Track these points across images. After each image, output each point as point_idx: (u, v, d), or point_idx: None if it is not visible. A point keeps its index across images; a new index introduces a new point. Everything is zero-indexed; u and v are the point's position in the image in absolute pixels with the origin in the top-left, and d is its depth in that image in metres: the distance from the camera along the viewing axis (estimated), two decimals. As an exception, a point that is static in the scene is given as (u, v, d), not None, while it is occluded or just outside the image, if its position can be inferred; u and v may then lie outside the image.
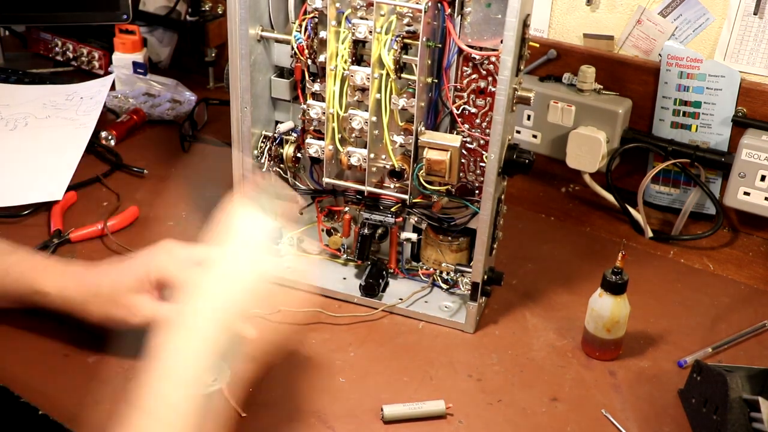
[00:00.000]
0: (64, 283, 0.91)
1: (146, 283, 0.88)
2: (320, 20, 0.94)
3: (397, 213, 1.00)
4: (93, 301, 0.90)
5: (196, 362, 0.75)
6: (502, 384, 0.92)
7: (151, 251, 0.90)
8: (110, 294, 0.89)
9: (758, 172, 1.13)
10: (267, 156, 1.02)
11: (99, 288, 0.89)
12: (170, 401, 0.72)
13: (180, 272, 0.87)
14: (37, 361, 0.91)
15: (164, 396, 0.72)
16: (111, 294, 0.89)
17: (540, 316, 1.03)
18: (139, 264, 0.89)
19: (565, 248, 1.18)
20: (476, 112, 0.95)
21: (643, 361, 0.97)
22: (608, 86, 1.22)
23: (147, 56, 1.53)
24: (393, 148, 0.94)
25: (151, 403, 0.72)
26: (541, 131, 1.26)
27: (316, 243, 1.10)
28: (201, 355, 0.76)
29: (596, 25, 1.25)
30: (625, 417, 0.88)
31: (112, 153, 1.33)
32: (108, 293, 0.89)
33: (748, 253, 1.19)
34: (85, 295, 0.90)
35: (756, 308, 1.07)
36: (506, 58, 0.85)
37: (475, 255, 0.95)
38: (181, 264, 0.88)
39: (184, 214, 1.19)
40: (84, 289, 0.90)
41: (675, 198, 1.25)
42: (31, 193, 1.18)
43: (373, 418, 0.86)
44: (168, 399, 0.72)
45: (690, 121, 1.20)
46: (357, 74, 0.92)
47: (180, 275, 0.87)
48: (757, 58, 1.15)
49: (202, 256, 0.88)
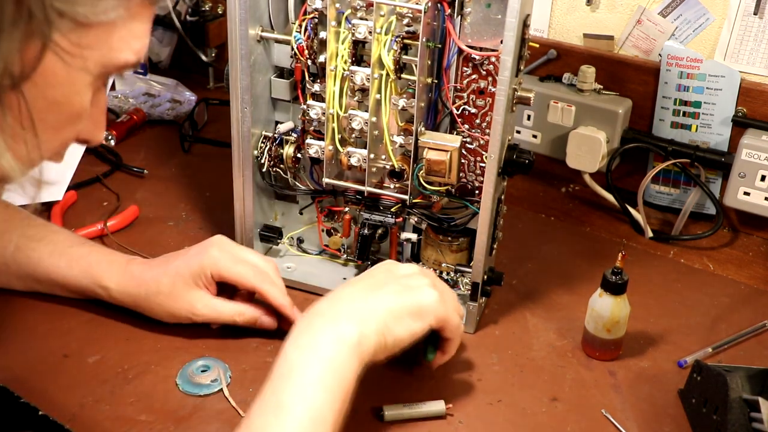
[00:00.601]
0: (126, 280, 0.93)
1: (203, 278, 0.91)
2: (320, 21, 0.94)
3: (397, 213, 1.00)
4: (154, 299, 0.92)
5: None
6: (502, 384, 0.92)
7: (205, 246, 0.93)
8: (170, 291, 0.92)
9: (758, 172, 1.13)
10: (267, 156, 1.02)
11: (159, 285, 0.92)
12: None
13: (233, 267, 0.91)
14: (37, 361, 0.91)
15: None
16: (171, 291, 0.92)
17: (540, 316, 1.03)
18: (194, 260, 0.92)
19: (565, 248, 1.18)
20: (476, 113, 0.95)
21: (643, 361, 0.97)
22: (608, 86, 1.22)
23: (147, 56, 1.53)
24: (393, 148, 0.94)
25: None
26: (541, 131, 1.26)
27: (316, 243, 1.10)
28: None
29: (596, 25, 1.25)
30: (625, 417, 0.88)
31: (112, 153, 1.33)
32: (168, 291, 0.92)
33: (748, 253, 1.19)
34: (147, 292, 0.93)
35: (756, 308, 1.07)
36: (506, 58, 0.85)
37: (475, 255, 0.95)
38: (234, 259, 0.92)
39: (184, 214, 1.19)
40: (145, 286, 0.93)
41: (675, 198, 1.25)
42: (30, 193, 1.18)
43: (373, 418, 0.86)
44: None
45: (690, 121, 1.20)
46: (357, 74, 0.92)
47: (234, 269, 0.91)
48: (757, 58, 1.15)
49: (252, 260, 0.93)
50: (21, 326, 0.95)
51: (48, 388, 0.87)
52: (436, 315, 0.83)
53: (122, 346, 0.93)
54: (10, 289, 0.98)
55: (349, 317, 0.77)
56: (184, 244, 1.11)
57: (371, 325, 0.77)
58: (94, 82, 0.58)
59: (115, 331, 0.95)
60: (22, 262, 0.96)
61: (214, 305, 0.92)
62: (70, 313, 0.97)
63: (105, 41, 0.56)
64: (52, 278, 0.96)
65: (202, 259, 0.92)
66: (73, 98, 0.58)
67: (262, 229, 1.07)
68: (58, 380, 0.88)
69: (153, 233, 1.14)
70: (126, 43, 0.57)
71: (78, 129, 0.61)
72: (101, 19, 0.54)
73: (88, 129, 0.63)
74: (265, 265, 0.94)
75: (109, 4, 0.54)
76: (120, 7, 0.55)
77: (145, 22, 0.59)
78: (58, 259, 0.95)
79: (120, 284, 0.94)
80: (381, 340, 0.77)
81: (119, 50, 0.57)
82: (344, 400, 0.73)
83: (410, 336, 0.80)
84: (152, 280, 0.93)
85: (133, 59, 0.58)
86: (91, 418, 0.83)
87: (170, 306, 0.92)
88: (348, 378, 0.74)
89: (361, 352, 0.75)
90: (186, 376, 0.89)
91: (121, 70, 0.59)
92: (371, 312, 0.78)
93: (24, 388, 0.86)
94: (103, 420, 0.84)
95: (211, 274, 0.91)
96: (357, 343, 0.75)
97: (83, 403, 0.85)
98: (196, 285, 0.92)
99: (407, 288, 0.83)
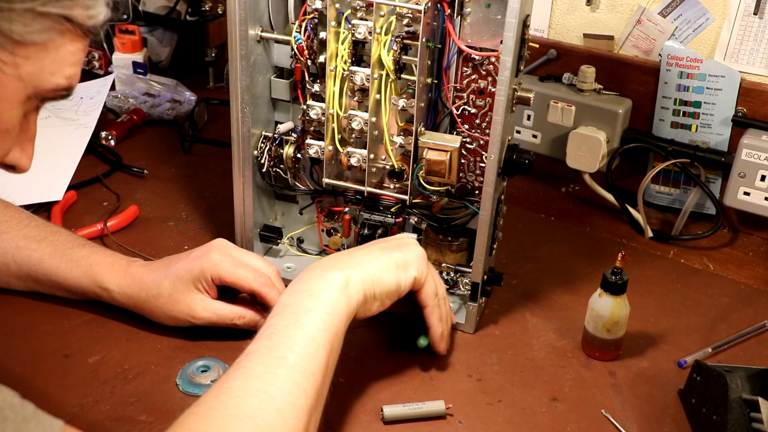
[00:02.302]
0: (127, 282, 0.93)
1: (203, 281, 0.91)
2: (320, 21, 0.94)
3: (397, 213, 1.00)
4: (154, 302, 0.92)
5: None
6: (502, 384, 0.92)
7: (206, 250, 0.93)
8: (170, 294, 0.92)
9: (758, 172, 1.13)
10: (267, 156, 1.02)
11: (159, 288, 0.92)
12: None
13: (234, 270, 0.91)
14: (37, 361, 0.91)
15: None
16: (171, 294, 0.92)
17: (540, 316, 1.03)
18: (195, 263, 0.92)
19: (565, 248, 1.18)
20: (476, 113, 0.95)
21: (643, 361, 0.97)
22: (608, 86, 1.22)
23: (147, 56, 1.53)
24: (393, 148, 0.94)
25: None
26: (541, 131, 1.26)
27: (316, 243, 1.10)
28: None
29: (596, 25, 1.25)
30: (625, 417, 0.88)
31: (112, 153, 1.33)
32: (168, 294, 0.92)
33: (748, 253, 1.19)
34: (147, 295, 0.93)
35: (756, 308, 1.07)
36: (506, 58, 0.85)
37: (475, 255, 0.95)
38: (234, 263, 0.92)
39: (184, 214, 1.19)
40: (146, 289, 0.93)
41: (675, 198, 1.25)
42: (31, 193, 1.18)
43: (373, 418, 0.86)
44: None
45: (690, 121, 1.20)
46: (357, 75, 0.92)
47: (234, 273, 0.91)
48: (757, 58, 1.15)
49: (253, 263, 0.93)
50: (21, 326, 0.95)
51: (48, 388, 0.87)
52: (419, 268, 0.87)
53: (122, 346, 0.93)
54: (10, 289, 0.98)
55: (336, 266, 0.83)
56: (184, 244, 1.11)
57: (358, 273, 0.82)
58: (26, 103, 0.62)
59: (116, 331, 0.95)
60: (22, 263, 0.96)
61: (214, 308, 0.92)
62: (70, 313, 0.97)
63: (39, 59, 0.59)
64: (53, 279, 0.96)
65: (202, 262, 0.91)
66: (2, 112, 0.60)
67: (262, 229, 1.07)
68: (58, 380, 0.88)
69: (153, 233, 1.14)
70: (58, 67, 0.61)
71: (5, 149, 0.64)
72: (35, 39, 0.58)
73: (16, 155, 0.66)
74: (266, 269, 0.94)
75: (42, 25, 0.58)
76: (53, 30, 0.59)
77: (78, 52, 0.62)
78: (59, 261, 0.95)
79: (121, 286, 0.94)
80: (369, 288, 0.83)
81: (51, 72, 0.61)
82: (335, 339, 0.78)
83: (397, 286, 0.85)
84: (153, 282, 0.92)
85: (65, 83, 0.62)
86: (91, 418, 0.83)
87: (170, 309, 0.92)
88: (339, 314, 0.79)
89: (349, 295, 0.81)
90: (186, 376, 0.89)
91: (53, 95, 0.63)
92: (358, 262, 0.84)
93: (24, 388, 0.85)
94: (103, 420, 0.84)
95: (211, 277, 0.91)
96: (345, 285, 0.80)
97: (83, 403, 0.85)
98: (196, 288, 0.91)
99: (395, 245, 0.88)
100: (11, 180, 1.22)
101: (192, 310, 0.92)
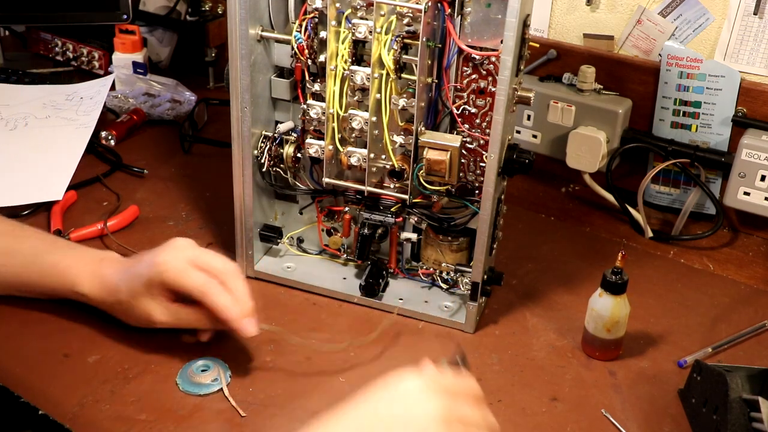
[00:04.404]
0: (97, 286, 0.92)
1: (156, 286, 0.88)
2: (320, 20, 0.94)
3: (397, 213, 1.00)
4: (119, 307, 0.92)
5: None
6: (502, 384, 0.92)
7: (159, 252, 0.89)
8: (128, 300, 0.90)
9: (758, 172, 1.13)
10: (267, 156, 1.02)
11: (118, 295, 0.91)
12: None
13: (180, 278, 0.87)
14: (37, 361, 0.91)
15: None
16: (129, 300, 0.90)
17: (540, 316, 1.03)
18: (145, 270, 0.89)
19: (565, 248, 1.18)
20: (476, 112, 0.95)
21: (643, 361, 0.97)
22: (608, 86, 1.22)
23: (147, 56, 1.53)
24: (393, 148, 0.94)
25: None
26: (541, 131, 1.26)
27: (316, 243, 1.10)
28: None
29: (596, 25, 1.25)
30: (625, 417, 0.88)
31: (112, 153, 1.33)
32: (127, 300, 0.90)
33: (748, 253, 1.19)
34: (112, 301, 0.92)
35: (756, 308, 1.07)
36: (506, 58, 0.85)
37: (475, 255, 0.95)
38: (183, 268, 0.87)
39: (184, 214, 1.19)
40: (110, 294, 0.92)
41: (675, 198, 1.25)
42: (31, 193, 1.18)
43: (373, 418, 0.86)
44: None
45: (690, 121, 1.20)
46: (357, 74, 0.92)
47: (180, 281, 0.87)
48: (757, 58, 1.15)
49: (211, 264, 0.89)
50: (21, 326, 0.95)
51: (48, 388, 0.87)
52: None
53: (122, 346, 0.93)
54: None
55: None
56: (184, 243, 1.11)
57: None
58: None
59: (115, 331, 0.95)
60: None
61: (172, 312, 0.89)
62: (70, 313, 0.97)
63: None
64: (31, 288, 0.95)
65: (150, 269, 0.88)
66: None
67: (262, 229, 1.07)
68: (58, 380, 0.88)
69: (153, 233, 1.14)
70: None
71: None
72: None
73: None
74: (223, 269, 0.89)
75: None
76: None
77: None
78: (30, 272, 0.94)
79: (92, 291, 0.92)
80: None
81: None
82: None
83: None
84: (115, 287, 0.91)
85: None
86: (91, 418, 0.83)
87: (132, 313, 0.91)
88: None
89: None
90: (186, 375, 0.89)
91: None
92: None
93: (24, 388, 0.86)
94: (103, 420, 0.84)
95: (161, 283, 0.87)
96: None
97: (83, 402, 0.85)
98: (150, 294, 0.88)
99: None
100: (12, 180, 1.23)
101: (149, 315, 0.89)
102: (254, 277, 1.07)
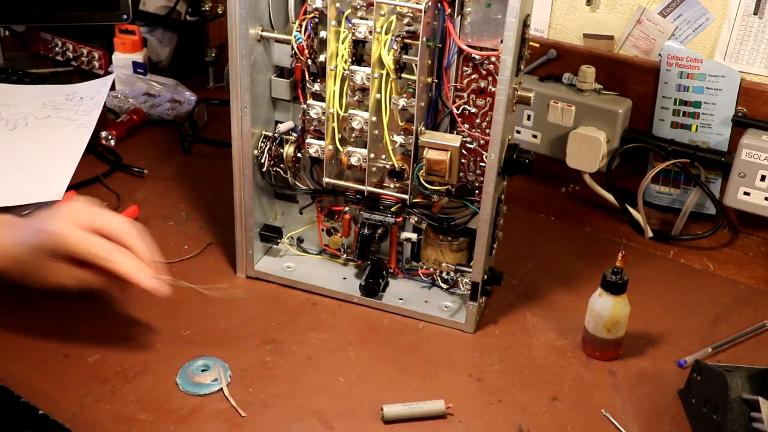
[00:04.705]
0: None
1: (60, 256, 0.87)
2: (320, 20, 0.94)
3: (397, 213, 1.00)
4: (15, 272, 0.88)
5: None
6: (502, 384, 0.92)
7: (59, 219, 0.88)
8: (30, 265, 0.88)
9: (758, 172, 1.13)
10: (267, 156, 1.02)
11: (19, 261, 0.88)
12: None
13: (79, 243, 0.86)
14: (37, 361, 0.91)
15: None
16: (31, 266, 0.88)
17: (540, 316, 1.03)
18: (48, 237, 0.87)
19: (565, 248, 1.18)
20: (476, 112, 0.95)
21: (643, 361, 0.97)
22: (608, 86, 1.22)
23: (147, 56, 1.53)
24: (393, 148, 0.94)
25: None
26: (541, 131, 1.26)
27: (316, 243, 1.10)
28: None
29: (596, 25, 1.25)
30: (625, 417, 0.88)
31: (112, 153, 1.33)
32: (28, 265, 0.88)
33: (748, 253, 1.19)
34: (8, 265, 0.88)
35: (756, 308, 1.07)
36: (506, 58, 0.85)
37: (475, 255, 0.95)
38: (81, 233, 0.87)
39: (184, 214, 1.19)
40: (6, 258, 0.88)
41: (675, 198, 1.25)
42: (31, 193, 1.18)
43: (373, 418, 0.86)
44: None
45: (690, 121, 1.20)
46: (357, 74, 0.92)
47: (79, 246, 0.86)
48: (757, 58, 1.15)
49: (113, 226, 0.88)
50: (21, 326, 0.95)
51: (48, 388, 0.87)
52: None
53: (122, 346, 0.93)
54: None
55: None
56: (184, 244, 1.12)
57: None
58: None
59: (115, 331, 0.95)
60: None
61: (76, 276, 0.88)
62: (70, 313, 0.97)
63: None
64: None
65: (53, 240, 0.86)
66: None
67: (262, 229, 1.07)
68: (58, 380, 0.88)
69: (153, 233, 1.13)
70: None
71: None
72: None
73: None
74: (124, 230, 0.89)
75: None
76: None
77: None
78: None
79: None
80: None
81: None
82: None
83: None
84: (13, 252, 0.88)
85: None
86: (91, 418, 0.83)
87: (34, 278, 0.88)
88: None
89: None
90: (186, 375, 0.89)
91: None
92: None
93: (24, 388, 0.86)
94: (103, 419, 0.84)
95: (58, 249, 0.86)
96: None
97: (83, 402, 0.85)
98: (53, 261, 0.87)
99: None
100: (12, 180, 1.22)
101: (55, 279, 0.88)
102: (254, 277, 1.07)
